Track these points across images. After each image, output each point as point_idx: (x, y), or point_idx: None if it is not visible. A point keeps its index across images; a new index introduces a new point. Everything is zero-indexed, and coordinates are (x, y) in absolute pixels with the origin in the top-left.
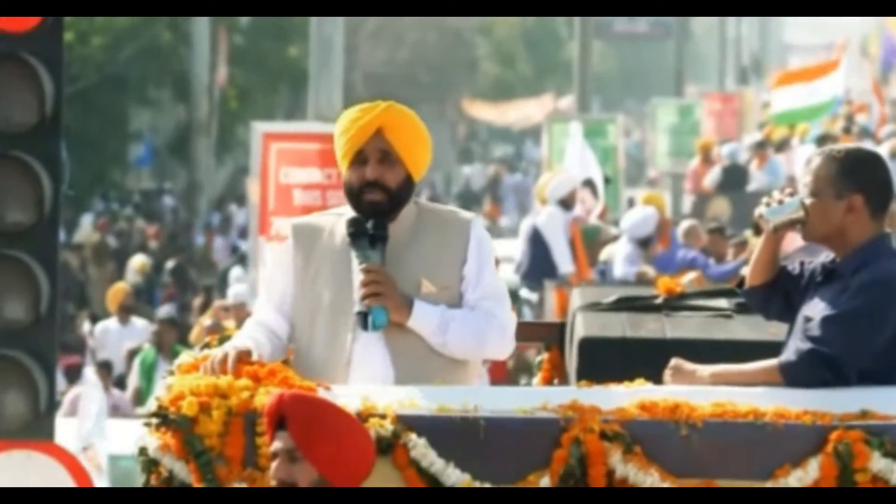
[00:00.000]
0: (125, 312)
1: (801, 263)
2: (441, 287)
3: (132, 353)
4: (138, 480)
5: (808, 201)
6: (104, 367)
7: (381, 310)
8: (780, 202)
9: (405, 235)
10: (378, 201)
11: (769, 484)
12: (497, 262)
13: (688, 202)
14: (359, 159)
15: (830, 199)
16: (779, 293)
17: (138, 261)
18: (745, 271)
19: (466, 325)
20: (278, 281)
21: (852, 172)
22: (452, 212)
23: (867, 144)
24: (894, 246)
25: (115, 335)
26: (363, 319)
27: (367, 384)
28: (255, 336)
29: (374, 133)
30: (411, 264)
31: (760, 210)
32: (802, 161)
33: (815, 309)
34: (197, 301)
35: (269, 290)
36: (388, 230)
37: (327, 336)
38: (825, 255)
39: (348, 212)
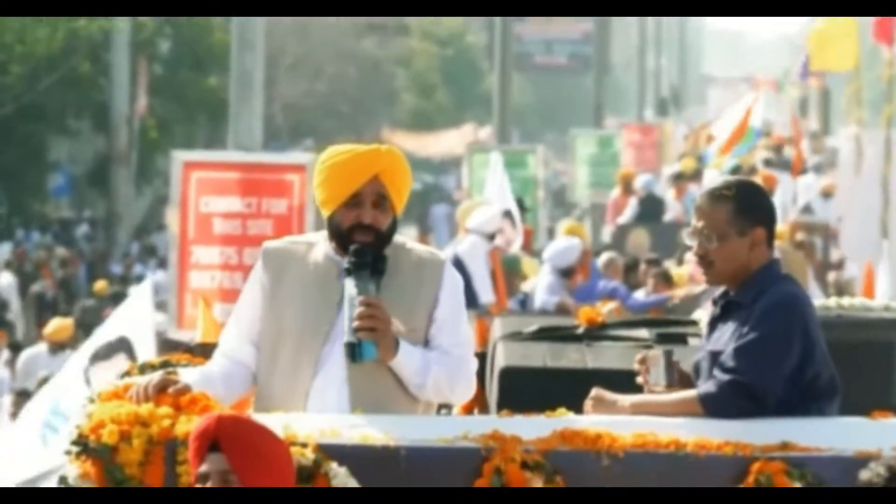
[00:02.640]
0: (60, 346)
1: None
2: (410, 328)
3: (42, 382)
4: None
5: (710, 247)
6: (22, 396)
7: (372, 344)
8: (648, 370)
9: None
10: (369, 244)
11: None
12: None
13: (608, 233)
14: (353, 201)
15: (734, 239)
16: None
17: (99, 284)
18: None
19: (445, 370)
20: (247, 306)
21: (749, 207)
22: (427, 251)
23: (785, 178)
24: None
25: (43, 364)
26: (351, 350)
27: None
28: (207, 371)
29: (372, 177)
30: (385, 303)
31: (652, 387)
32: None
33: (722, 342)
34: None
35: (237, 317)
36: (386, 264)
37: (289, 365)
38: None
39: (320, 242)
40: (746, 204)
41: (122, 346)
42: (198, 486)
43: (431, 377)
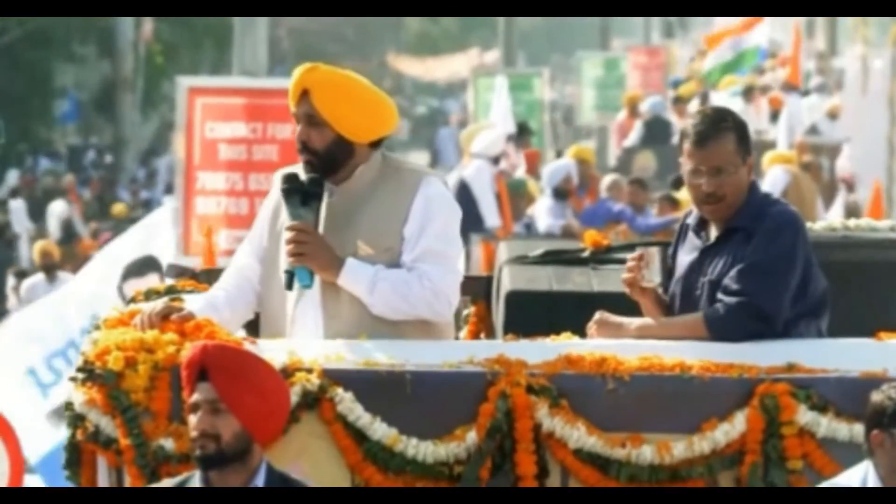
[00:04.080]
0: (51, 270)
1: (670, 253)
2: (382, 248)
3: None
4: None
5: (724, 180)
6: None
7: (305, 270)
8: (640, 268)
9: (359, 195)
10: (308, 162)
11: (695, 437)
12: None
13: (615, 156)
14: (295, 120)
15: (741, 169)
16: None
17: (117, 207)
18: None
19: (394, 287)
20: (257, 227)
21: (745, 135)
22: (410, 170)
23: (792, 99)
24: None
25: (42, 291)
26: (289, 279)
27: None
28: (213, 297)
29: (300, 96)
30: (357, 224)
31: (647, 285)
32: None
33: (723, 268)
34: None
35: (250, 235)
36: (323, 188)
37: (280, 291)
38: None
39: None
40: (744, 132)
41: (152, 264)
42: (191, 415)
43: (377, 296)
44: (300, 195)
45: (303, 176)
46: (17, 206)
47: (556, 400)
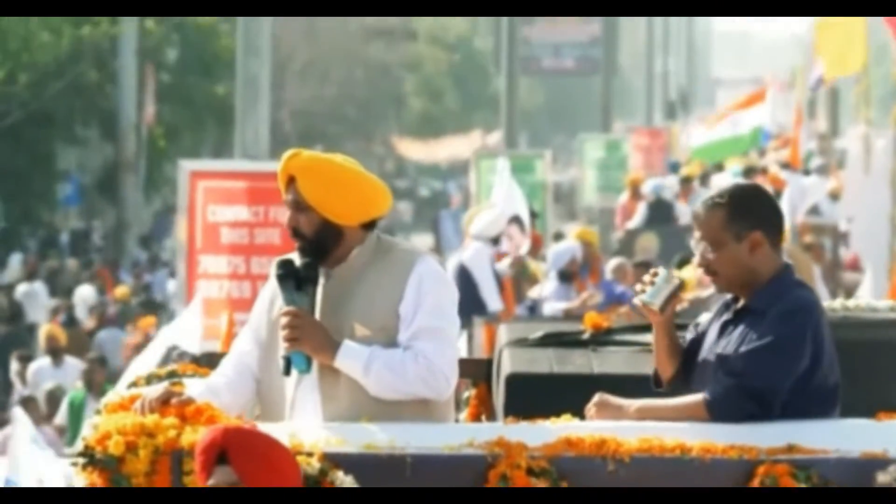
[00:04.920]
0: (57, 354)
1: (696, 326)
2: (377, 328)
3: (52, 394)
4: None
5: (710, 256)
6: (30, 402)
7: (300, 355)
8: (651, 283)
9: (353, 276)
10: (301, 248)
11: None
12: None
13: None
14: (287, 207)
15: (732, 245)
16: (683, 376)
17: (120, 290)
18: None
19: (389, 366)
20: (256, 314)
21: (743, 212)
22: (404, 250)
23: (795, 178)
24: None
25: (48, 376)
26: (286, 364)
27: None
28: (213, 383)
29: (288, 182)
30: (352, 305)
31: (639, 300)
32: None
33: (731, 346)
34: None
35: (250, 321)
36: (318, 272)
37: (279, 376)
38: (718, 303)
39: None
40: (740, 209)
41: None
42: None
43: (373, 374)
44: (294, 280)
45: (298, 262)
46: (37, 290)
47: (556, 482)
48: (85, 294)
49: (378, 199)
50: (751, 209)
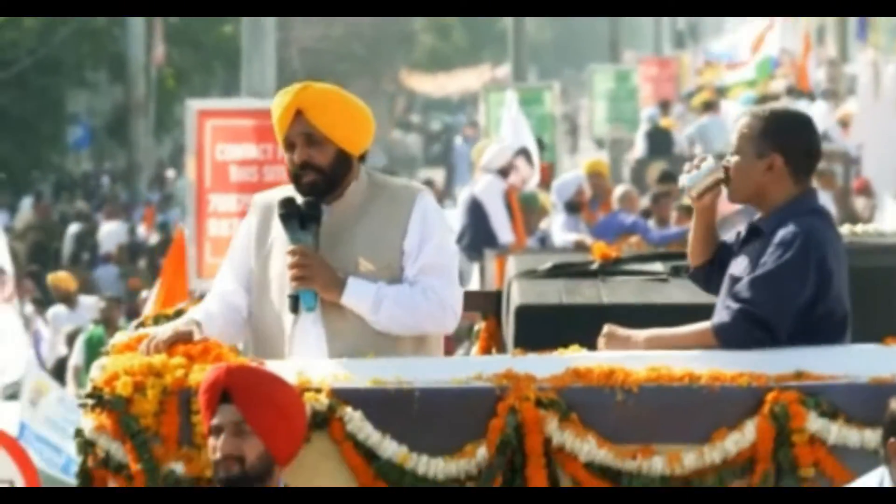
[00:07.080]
0: (69, 298)
1: (738, 233)
2: (382, 264)
3: (72, 336)
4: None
5: (732, 160)
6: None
7: (309, 293)
8: (697, 167)
9: (352, 212)
10: (313, 182)
11: (706, 447)
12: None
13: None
14: (287, 144)
15: (751, 159)
16: (718, 268)
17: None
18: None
19: (399, 302)
20: (239, 252)
21: (774, 133)
22: (402, 186)
23: (802, 105)
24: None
25: (65, 320)
26: (293, 303)
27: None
28: (207, 309)
29: (294, 117)
30: (355, 241)
31: (682, 180)
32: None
33: (740, 268)
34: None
35: (231, 260)
36: (320, 210)
37: (274, 313)
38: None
39: None
40: (771, 129)
41: None
42: (211, 438)
43: (383, 313)
44: (298, 219)
45: (299, 200)
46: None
47: (565, 413)
48: (112, 230)
49: (372, 127)
50: (781, 133)
